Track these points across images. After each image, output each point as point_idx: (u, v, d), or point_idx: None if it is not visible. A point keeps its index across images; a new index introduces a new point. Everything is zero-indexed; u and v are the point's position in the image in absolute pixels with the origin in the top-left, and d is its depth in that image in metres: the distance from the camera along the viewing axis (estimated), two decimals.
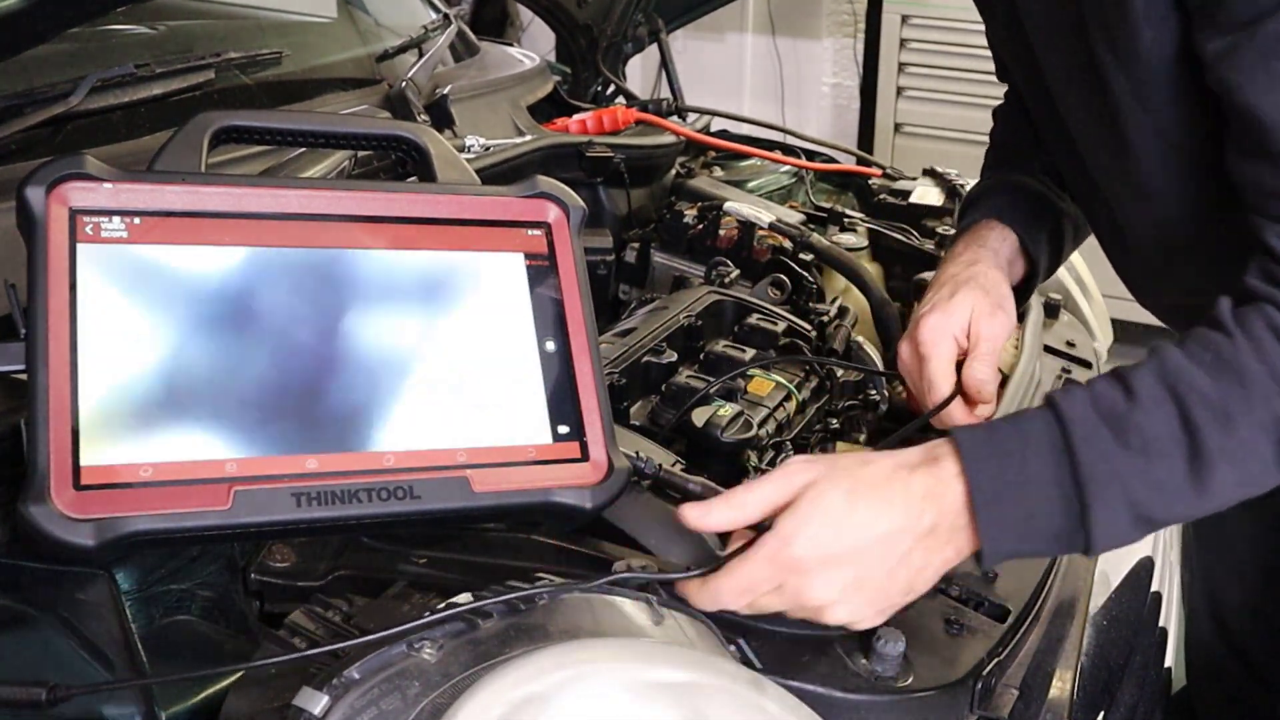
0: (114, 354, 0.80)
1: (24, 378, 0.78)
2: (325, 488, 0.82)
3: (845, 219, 1.77)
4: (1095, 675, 1.05)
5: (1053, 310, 1.64)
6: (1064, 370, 1.48)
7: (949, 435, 0.86)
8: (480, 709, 0.68)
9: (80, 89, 1.16)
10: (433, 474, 0.86)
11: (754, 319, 1.38)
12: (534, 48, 2.17)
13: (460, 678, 0.74)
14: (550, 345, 0.95)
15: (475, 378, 0.91)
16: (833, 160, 2.06)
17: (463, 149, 1.47)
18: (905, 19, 3.98)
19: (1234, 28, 0.86)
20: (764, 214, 1.62)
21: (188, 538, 0.80)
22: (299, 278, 0.89)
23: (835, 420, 1.30)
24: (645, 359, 1.26)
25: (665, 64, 2.21)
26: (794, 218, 1.67)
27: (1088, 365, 1.53)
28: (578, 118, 1.79)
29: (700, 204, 1.72)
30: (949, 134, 3.92)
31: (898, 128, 4.12)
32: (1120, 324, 1.89)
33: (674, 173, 1.87)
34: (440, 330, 0.92)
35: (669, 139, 1.82)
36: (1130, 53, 0.95)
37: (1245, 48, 0.85)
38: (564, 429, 0.93)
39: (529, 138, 1.61)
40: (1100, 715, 1.04)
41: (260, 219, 0.89)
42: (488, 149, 1.49)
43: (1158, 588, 1.27)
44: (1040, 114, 1.21)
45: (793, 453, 1.21)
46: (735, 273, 1.53)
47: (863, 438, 1.29)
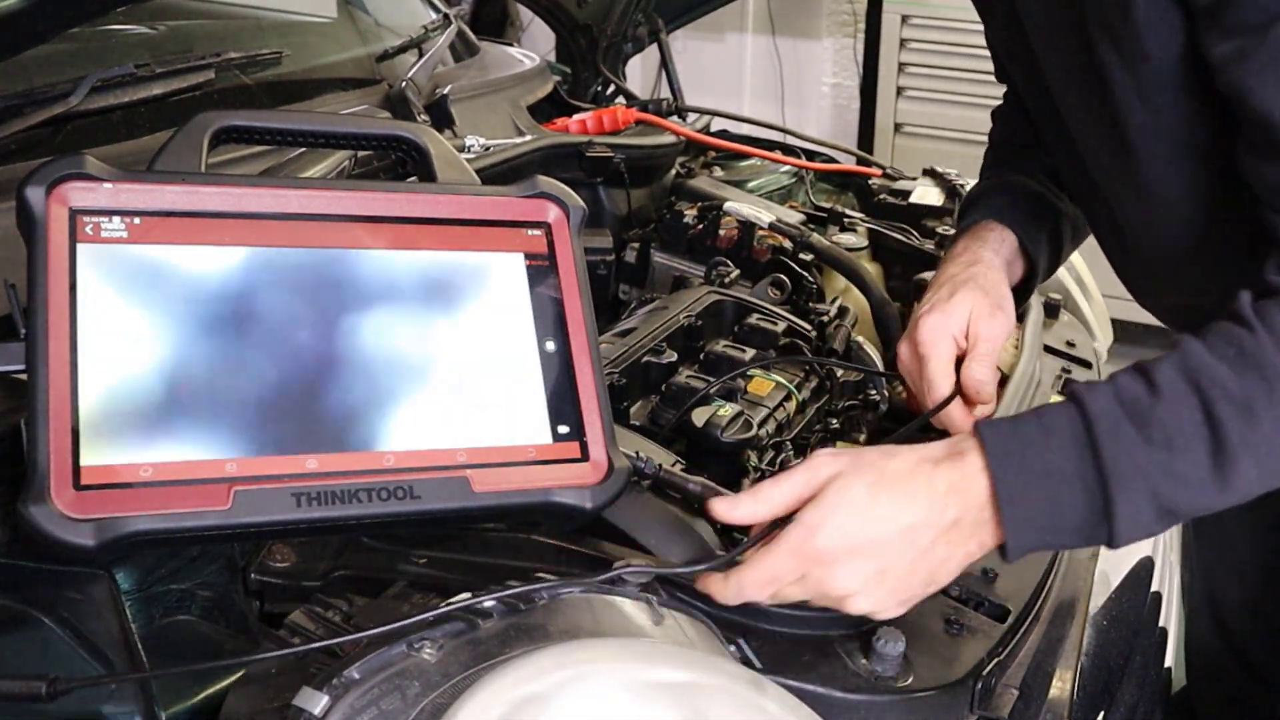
0: (114, 354, 0.80)
1: (24, 378, 0.78)
2: (325, 488, 0.82)
3: (845, 219, 1.77)
4: (1095, 675, 1.05)
5: (1053, 310, 1.64)
6: (1064, 370, 1.47)
7: (973, 430, 0.86)
8: (480, 709, 0.68)
9: (80, 89, 1.16)
10: (433, 474, 0.86)
11: (754, 319, 1.38)
12: (534, 48, 2.17)
13: (460, 678, 0.74)
14: (550, 345, 0.95)
15: (475, 378, 0.91)
16: (833, 160, 2.06)
17: (463, 149, 1.47)
18: (905, 19, 3.98)
19: (1242, 32, 0.86)
20: (764, 214, 1.62)
21: (188, 538, 0.80)
22: (299, 278, 0.89)
23: (835, 420, 1.30)
24: (645, 359, 1.26)
25: (665, 64, 2.21)
26: (794, 218, 1.67)
27: (1088, 365, 1.53)
28: (578, 118, 1.79)
29: (700, 204, 1.71)
30: (949, 134, 3.92)
31: (898, 128, 4.12)
32: (1120, 324, 1.89)
33: (674, 173, 1.87)
34: (440, 330, 0.92)
35: (669, 139, 1.82)
36: (1133, 51, 0.95)
37: (1256, 52, 0.85)
38: (564, 429, 0.93)
39: (529, 138, 1.61)
40: (1100, 715, 1.04)
41: (260, 219, 0.89)
42: (488, 149, 1.49)
43: (1158, 588, 1.26)
44: (1040, 114, 1.21)
45: (792, 453, 1.21)
46: (735, 273, 1.53)
47: (863, 438, 1.29)
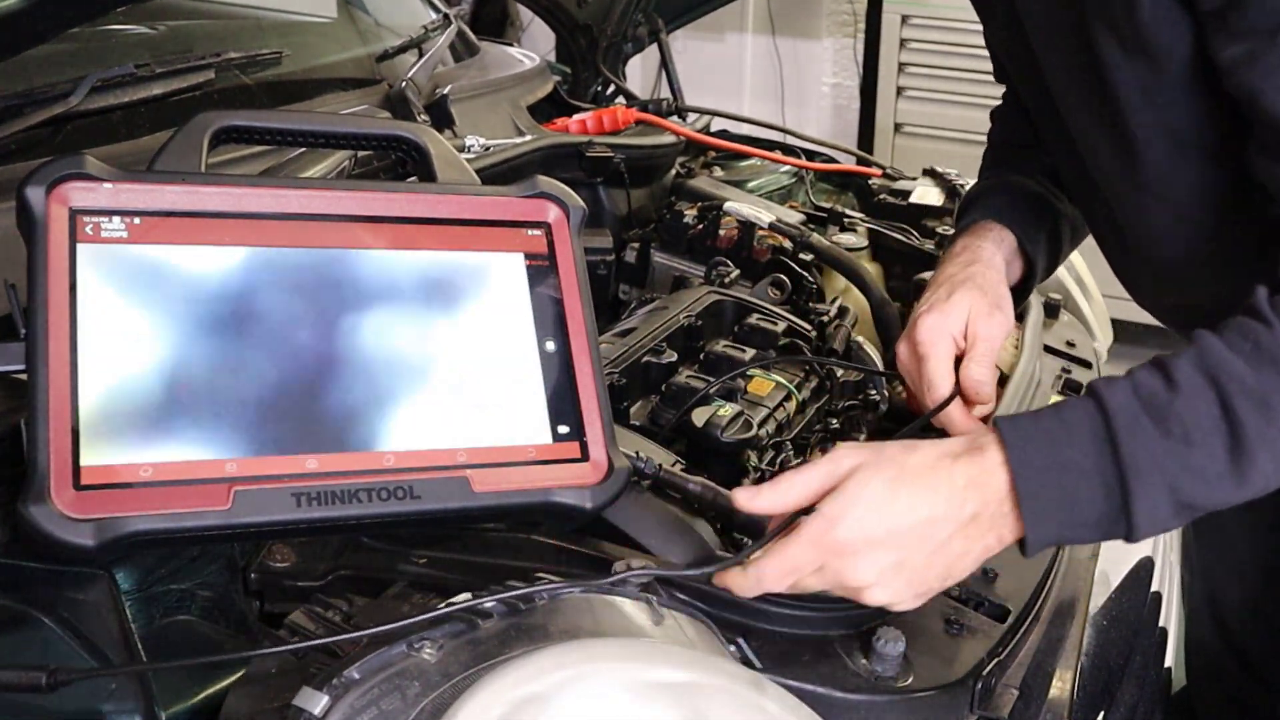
0: (114, 354, 0.80)
1: (24, 378, 0.78)
2: (325, 488, 0.82)
3: (845, 219, 1.77)
4: (1095, 675, 1.05)
5: (1053, 310, 1.64)
6: (1064, 370, 1.47)
7: (992, 425, 0.86)
8: (480, 709, 0.68)
9: (80, 89, 1.16)
10: (433, 474, 0.86)
11: (754, 319, 1.38)
12: (534, 48, 2.17)
13: (460, 678, 0.74)
14: (550, 345, 0.95)
15: (475, 378, 0.91)
16: (833, 160, 2.06)
17: (463, 149, 1.47)
18: (905, 19, 3.98)
19: (1252, 35, 0.86)
20: (764, 214, 1.62)
21: (188, 538, 0.80)
22: (299, 278, 0.89)
23: (835, 420, 1.30)
24: (645, 359, 1.26)
25: (665, 64, 2.21)
26: (794, 218, 1.67)
27: (1088, 365, 1.53)
28: (578, 118, 1.79)
29: (700, 204, 1.71)
30: (949, 134, 3.92)
31: (898, 128, 4.12)
32: (1120, 324, 1.89)
33: (674, 173, 1.87)
34: (440, 330, 0.92)
35: (669, 139, 1.82)
36: (1137, 48, 0.95)
37: (1266, 54, 0.86)
38: (564, 429, 0.93)
39: (529, 138, 1.61)
40: (1100, 715, 1.04)
41: (260, 219, 0.89)
42: (488, 149, 1.49)
43: (1158, 588, 1.27)
44: (1039, 115, 1.21)
45: (792, 453, 1.21)
46: (735, 273, 1.53)
47: (863, 437, 1.29)
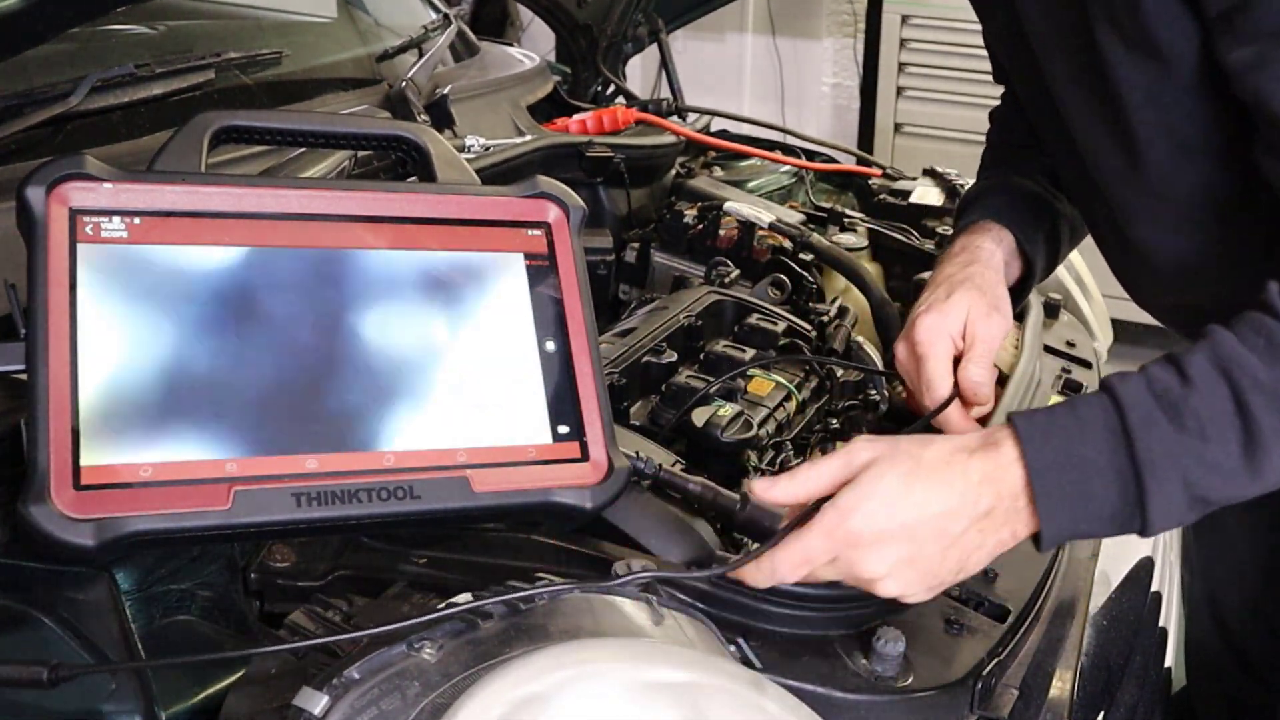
0: (114, 354, 0.80)
1: (24, 378, 0.78)
2: (325, 488, 0.82)
3: (845, 219, 1.77)
4: (1095, 675, 1.05)
5: (1053, 310, 1.64)
6: (1064, 370, 1.47)
7: (1007, 420, 0.87)
8: (480, 709, 0.68)
9: (80, 89, 1.16)
10: (433, 474, 0.86)
11: (754, 319, 1.38)
12: (534, 48, 2.17)
13: (460, 678, 0.74)
14: (550, 345, 0.95)
15: (475, 378, 0.91)
16: (833, 160, 2.06)
17: (463, 149, 1.47)
18: (905, 19, 3.98)
19: (1259, 37, 0.86)
20: (764, 214, 1.62)
21: (188, 538, 0.80)
22: (299, 278, 0.89)
23: (835, 420, 1.30)
24: (645, 359, 1.26)
25: (665, 64, 2.21)
26: (794, 218, 1.67)
27: (1088, 365, 1.53)
28: (578, 118, 1.79)
29: (700, 204, 1.72)
30: (949, 134, 3.92)
31: (898, 128, 4.11)
32: (1120, 324, 1.89)
33: (674, 173, 1.87)
34: (440, 330, 0.92)
35: (669, 139, 1.82)
36: (1141, 48, 0.95)
37: (1275, 58, 0.86)
38: (564, 429, 0.93)
39: (529, 138, 1.61)
40: (1100, 715, 1.04)
41: (260, 219, 0.89)
42: (488, 149, 1.49)
43: (1158, 588, 1.27)
44: (1038, 115, 1.21)
45: (792, 453, 1.21)
46: (735, 273, 1.53)
47: None
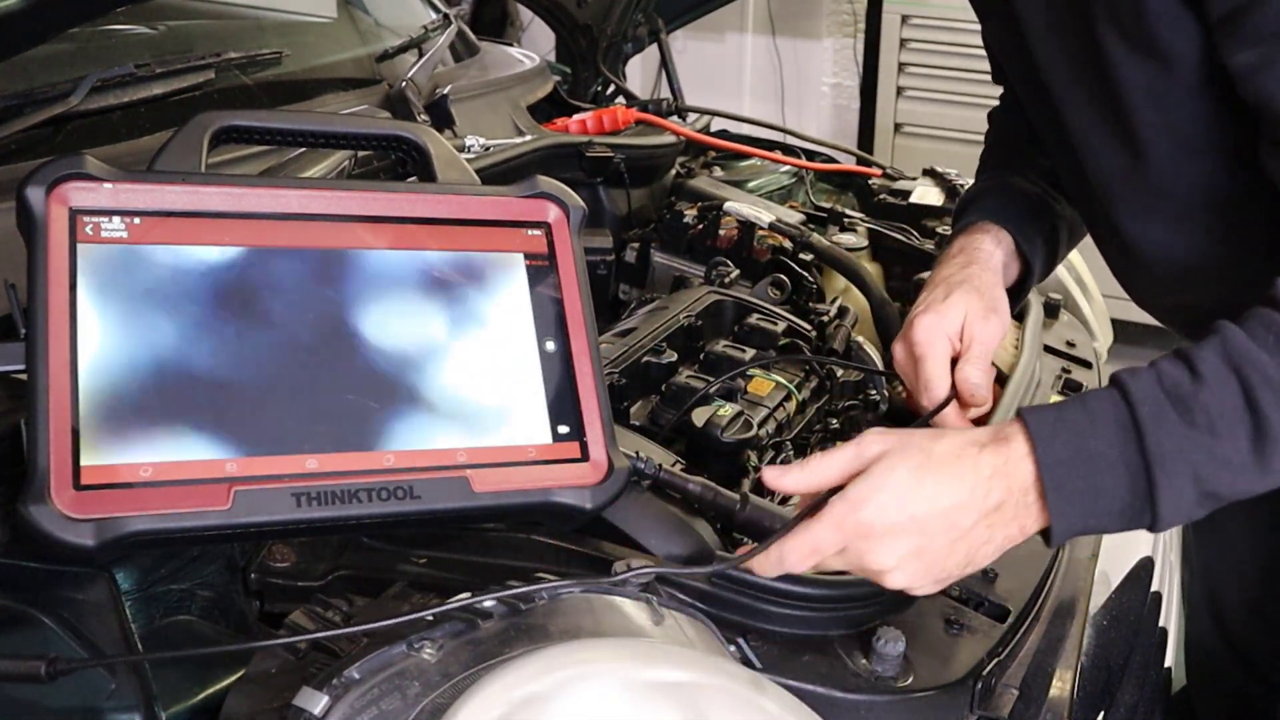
0: (114, 354, 0.80)
1: (24, 378, 0.78)
2: (325, 488, 0.82)
3: (845, 219, 1.77)
4: (1095, 675, 1.05)
5: (1053, 310, 1.64)
6: (1064, 370, 1.48)
7: (1017, 415, 0.87)
8: (480, 709, 0.68)
9: (80, 89, 1.17)
10: (433, 474, 0.86)
11: (754, 319, 1.38)
12: (534, 48, 2.17)
13: (460, 678, 0.74)
14: (550, 345, 0.95)
15: (475, 378, 0.91)
16: (833, 160, 2.06)
17: (463, 149, 1.47)
18: (905, 19, 3.98)
19: (1263, 39, 0.86)
20: (764, 214, 1.62)
21: (188, 538, 0.80)
22: (299, 278, 0.89)
23: (835, 420, 1.30)
24: (645, 359, 1.26)
25: (665, 64, 2.21)
26: (794, 218, 1.67)
27: (1088, 365, 1.53)
28: (578, 118, 1.79)
29: (700, 204, 1.72)
30: (949, 134, 3.92)
31: (898, 128, 4.12)
32: (1120, 324, 1.89)
33: (674, 173, 1.87)
34: (440, 330, 0.92)
35: (669, 139, 1.82)
36: (1145, 48, 0.95)
37: (1279, 58, 0.86)
38: (564, 429, 0.93)
39: (529, 138, 1.61)
40: (1100, 715, 1.04)
41: (260, 219, 0.89)
42: (488, 149, 1.49)
43: (1158, 588, 1.27)
44: (1037, 114, 1.21)
45: (792, 453, 1.21)
46: (735, 273, 1.53)
47: None
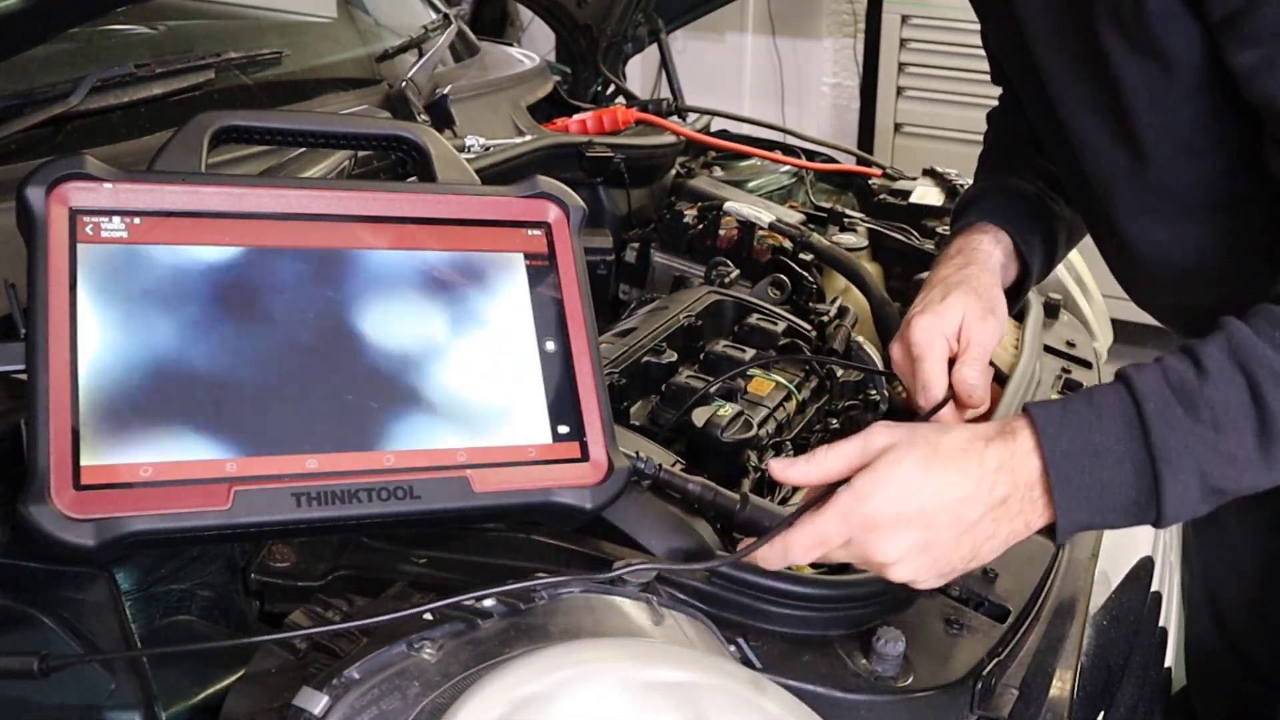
0: (114, 354, 0.80)
1: (24, 378, 0.78)
2: (325, 488, 0.82)
3: (845, 219, 1.78)
4: (1095, 675, 1.05)
5: (1053, 310, 1.64)
6: (1064, 370, 1.48)
7: (1023, 410, 0.87)
8: (480, 709, 0.68)
9: (80, 89, 1.17)
10: (433, 474, 0.86)
11: (754, 319, 1.38)
12: (534, 48, 2.17)
13: (460, 678, 0.74)
14: (550, 345, 0.95)
15: (475, 378, 0.91)
16: (833, 160, 2.06)
17: (463, 149, 1.47)
18: (905, 19, 3.98)
19: (1264, 40, 0.87)
20: (764, 214, 1.62)
21: (188, 538, 0.79)
22: (299, 278, 0.89)
23: (835, 420, 1.30)
24: (645, 359, 1.26)
25: (665, 64, 2.21)
26: (794, 218, 1.67)
27: (1088, 365, 1.53)
28: (578, 118, 1.79)
29: (700, 204, 1.72)
30: (949, 134, 3.92)
31: (898, 128, 4.12)
32: (1120, 324, 1.89)
33: (674, 173, 1.87)
34: (440, 330, 0.92)
35: (669, 139, 1.82)
36: (1146, 52, 0.95)
37: None
38: (564, 429, 0.93)
39: (529, 138, 1.61)
40: (1100, 715, 1.04)
41: (260, 219, 0.89)
42: (488, 149, 1.49)
43: (1158, 588, 1.27)
44: (1036, 114, 1.21)
45: (792, 453, 1.21)
46: (735, 273, 1.53)
47: None
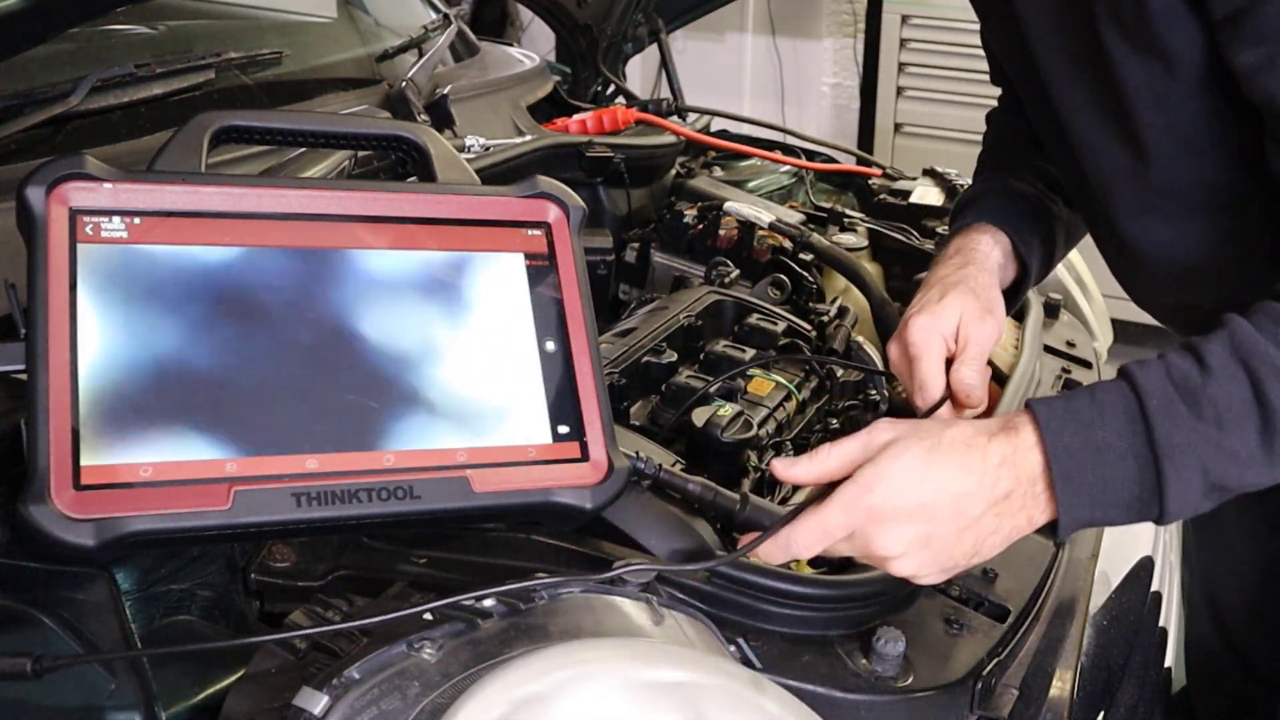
0: (114, 354, 0.80)
1: (24, 378, 0.78)
2: (325, 488, 0.82)
3: (845, 219, 1.78)
4: (1095, 675, 1.05)
5: (1053, 310, 1.64)
6: (1064, 370, 1.48)
7: (1026, 406, 0.87)
8: (480, 709, 0.68)
9: (80, 89, 1.17)
10: (433, 474, 0.86)
11: (754, 319, 1.38)
12: (534, 48, 2.18)
13: (460, 678, 0.74)
14: (550, 345, 0.95)
15: (475, 377, 0.91)
16: (833, 160, 2.06)
17: (463, 149, 1.47)
18: (905, 19, 3.98)
19: (1266, 39, 0.87)
20: (764, 214, 1.62)
21: (188, 538, 0.79)
22: (299, 277, 0.89)
23: (835, 420, 1.30)
24: (645, 359, 1.26)
25: (665, 64, 2.21)
26: (794, 218, 1.67)
27: (1088, 365, 1.53)
28: (578, 118, 1.79)
29: (700, 204, 1.72)
30: (949, 134, 3.92)
31: (898, 128, 4.12)
32: (1120, 324, 1.89)
33: (674, 173, 1.87)
34: (440, 330, 0.92)
35: (669, 139, 1.82)
36: (1149, 51, 0.95)
37: None
38: (564, 429, 0.93)
39: (529, 138, 1.61)
40: (1100, 715, 1.04)
41: (260, 219, 0.89)
42: (488, 149, 1.49)
43: (1158, 588, 1.27)
44: (1036, 113, 1.21)
45: (792, 453, 1.21)
46: (735, 273, 1.53)
47: None
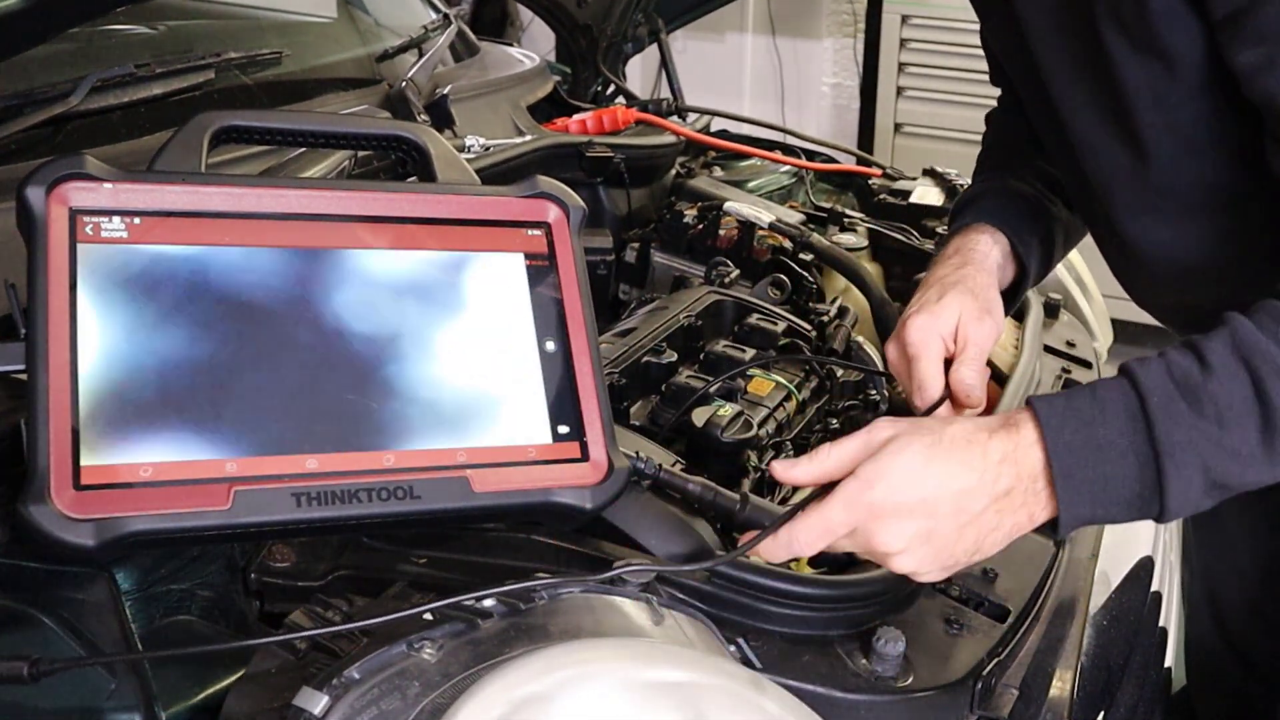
0: (114, 354, 0.80)
1: (24, 378, 0.78)
2: (325, 488, 0.82)
3: (845, 219, 1.78)
4: (1095, 675, 1.05)
5: (1053, 310, 1.64)
6: (1064, 370, 1.48)
7: (1027, 403, 0.87)
8: (480, 709, 0.68)
9: (80, 89, 1.17)
10: (433, 474, 0.86)
11: (754, 319, 1.38)
12: (534, 48, 2.18)
13: (460, 678, 0.74)
14: (550, 345, 0.95)
15: (475, 378, 0.91)
16: (833, 160, 2.06)
17: (463, 149, 1.47)
18: (905, 19, 3.98)
19: (1266, 39, 0.87)
20: (764, 214, 1.62)
21: (188, 538, 0.80)
22: (299, 278, 0.89)
23: (835, 420, 1.30)
24: (645, 359, 1.26)
25: (665, 64, 2.21)
26: (794, 218, 1.67)
27: (1088, 365, 1.53)
28: (578, 118, 1.79)
29: (700, 204, 1.72)
30: (949, 134, 3.92)
31: (898, 128, 4.12)
32: (1120, 324, 1.89)
33: (674, 173, 1.87)
34: (440, 330, 0.92)
35: (669, 139, 1.82)
36: (1149, 51, 0.95)
37: None
38: (564, 429, 0.93)
39: (529, 138, 1.61)
40: (1100, 715, 1.04)
41: (260, 219, 0.89)
42: (488, 149, 1.49)
43: (1158, 588, 1.27)
44: (1037, 116, 1.21)
45: (792, 453, 1.21)
46: (735, 273, 1.53)
47: None
